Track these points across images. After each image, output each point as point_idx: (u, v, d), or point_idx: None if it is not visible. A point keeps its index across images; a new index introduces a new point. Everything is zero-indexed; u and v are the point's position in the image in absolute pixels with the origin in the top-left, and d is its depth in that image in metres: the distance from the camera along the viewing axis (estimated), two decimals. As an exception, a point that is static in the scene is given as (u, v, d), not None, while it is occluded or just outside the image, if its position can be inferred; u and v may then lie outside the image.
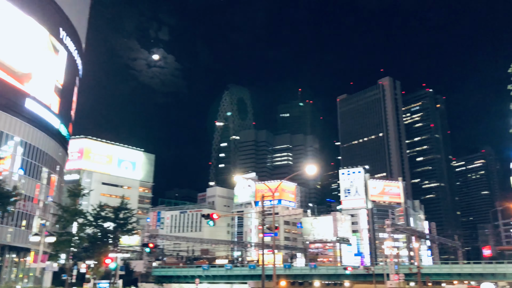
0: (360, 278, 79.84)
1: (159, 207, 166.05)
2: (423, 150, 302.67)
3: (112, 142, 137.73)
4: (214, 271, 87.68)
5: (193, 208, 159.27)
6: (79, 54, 70.76)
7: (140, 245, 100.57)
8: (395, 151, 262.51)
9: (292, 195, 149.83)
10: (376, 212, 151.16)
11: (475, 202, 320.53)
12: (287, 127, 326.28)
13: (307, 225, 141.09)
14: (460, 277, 73.78)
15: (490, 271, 70.24)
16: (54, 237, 42.86)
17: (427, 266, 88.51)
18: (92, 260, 52.76)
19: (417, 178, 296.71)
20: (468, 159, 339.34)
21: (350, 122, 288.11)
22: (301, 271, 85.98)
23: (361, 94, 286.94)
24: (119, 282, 53.14)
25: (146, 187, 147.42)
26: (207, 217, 28.75)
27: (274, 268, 31.42)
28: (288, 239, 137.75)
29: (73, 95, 71.45)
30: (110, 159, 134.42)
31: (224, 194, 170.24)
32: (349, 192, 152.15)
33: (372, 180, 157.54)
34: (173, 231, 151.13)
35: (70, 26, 65.90)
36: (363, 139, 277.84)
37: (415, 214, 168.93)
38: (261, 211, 30.49)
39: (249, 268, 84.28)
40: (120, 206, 56.43)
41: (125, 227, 56.28)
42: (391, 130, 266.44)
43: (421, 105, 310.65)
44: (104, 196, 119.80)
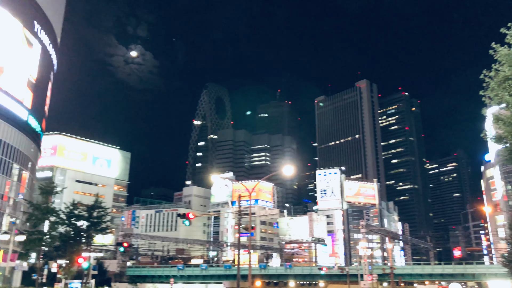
0: (334, 278, 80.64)
1: (134, 206, 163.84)
2: (398, 152, 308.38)
3: (87, 139, 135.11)
4: (189, 271, 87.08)
5: (169, 207, 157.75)
6: (54, 48, 69.11)
7: (114, 244, 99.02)
8: (371, 153, 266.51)
9: (269, 195, 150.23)
10: (351, 213, 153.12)
11: (447, 204, 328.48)
12: (265, 127, 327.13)
13: (283, 225, 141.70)
14: (431, 277, 75.40)
15: (459, 272, 72.07)
16: (24, 235, 41.80)
17: (400, 267, 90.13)
18: (64, 259, 51.64)
19: (392, 180, 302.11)
20: (441, 162, 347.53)
21: (327, 123, 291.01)
22: (276, 271, 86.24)
23: (339, 96, 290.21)
24: (91, 282, 52.20)
25: (121, 186, 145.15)
26: (183, 216, 28.45)
27: (250, 268, 31.38)
28: (264, 239, 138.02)
29: (47, 90, 69.75)
30: (84, 156, 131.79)
31: (200, 194, 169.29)
32: (325, 193, 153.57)
33: (348, 181, 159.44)
34: (148, 230, 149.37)
35: (45, 19, 64.31)
36: (340, 140, 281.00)
37: (389, 215, 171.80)
38: (238, 211, 30.39)
39: (225, 268, 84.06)
40: (94, 205, 55.42)
41: (99, 226, 55.29)
42: (367, 132, 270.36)
43: (396, 108, 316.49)
44: (78, 194, 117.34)
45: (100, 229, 55.89)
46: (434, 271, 75.08)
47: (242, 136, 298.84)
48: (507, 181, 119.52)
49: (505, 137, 16.35)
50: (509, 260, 54.50)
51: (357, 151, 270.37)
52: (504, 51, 15.53)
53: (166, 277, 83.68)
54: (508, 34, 15.54)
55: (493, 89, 16.34)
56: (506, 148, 17.32)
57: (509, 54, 15.22)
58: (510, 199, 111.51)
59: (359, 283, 65.44)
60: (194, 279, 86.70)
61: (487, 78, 16.61)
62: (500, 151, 21.02)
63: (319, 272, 79.82)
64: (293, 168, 29.79)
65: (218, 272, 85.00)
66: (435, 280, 76.29)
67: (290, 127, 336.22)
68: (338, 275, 77.96)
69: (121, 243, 56.98)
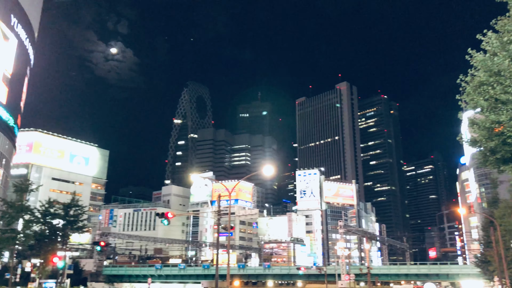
0: (312, 278, 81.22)
1: (112, 205, 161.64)
2: (376, 154, 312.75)
3: (64, 136, 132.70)
4: (167, 270, 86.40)
5: (148, 207, 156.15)
6: (31, 42, 67.60)
7: (91, 243, 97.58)
8: (350, 154, 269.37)
9: (249, 195, 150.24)
10: (329, 213, 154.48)
11: (423, 205, 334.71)
12: (246, 127, 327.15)
13: (263, 225, 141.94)
14: (407, 277, 76.70)
15: (434, 272, 73.54)
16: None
17: (376, 267, 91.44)
18: (38, 258, 50.66)
19: (370, 181, 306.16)
20: (418, 164, 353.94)
21: (307, 124, 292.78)
22: (255, 271, 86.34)
23: (319, 98, 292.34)
24: (66, 281, 51.31)
25: (99, 184, 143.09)
26: (162, 216, 28.25)
27: (228, 268, 31.36)
28: (244, 239, 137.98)
29: (23, 86, 68.19)
30: (62, 154, 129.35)
31: (180, 193, 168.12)
32: (305, 193, 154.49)
33: (327, 182, 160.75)
34: (126, 229, 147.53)
35: (22, 13, 62.84)
36: (320, 141, 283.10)
37: (366, 216, 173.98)
38: (218, 210, 30.34)
39: (203, 268, 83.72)
40: (70, 203, 54.54)
41: (75, 224, 54.45)
42: (347, 134, 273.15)
43: (375, 111, 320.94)
44: (54, 192, 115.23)
45: (77, 227, 55.06)
46: (409, 271, 76.38)
47: (222, 136, 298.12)
48: (481, 184, 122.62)
49: (480, 140, 16.74)
50: (482, 260, 55.97)
51: (337, 152, 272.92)
52: (479, 57, 15.91)
53: (144, 277, 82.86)
54: (484, 40, 15.91)
55: (468, 94, 16.71)
56: (480, 152, 17.74)
57: (485, 60, 15.59)
58: (484, 201, 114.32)
59: (336, 283, 66.16)
60: (172, 278, 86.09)
61: (463, 83, 16.99)
62: (475, 154, 21.53)
63: (297, 272, 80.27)
64: (273, 168, 29.91)
65: (197, 271, 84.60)
66: (411, 280, 77.63)
67: (271, 127, 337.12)
68: (316, 275, 78.58)
69: (98, 242, 56.22)
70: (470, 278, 68.01)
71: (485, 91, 15.55)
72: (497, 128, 15.71)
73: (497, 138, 15.79)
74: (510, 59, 14.55)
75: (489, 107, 15.67)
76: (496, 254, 44.11)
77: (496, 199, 55.03)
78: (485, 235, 55.05)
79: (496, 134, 15.85)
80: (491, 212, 52.77)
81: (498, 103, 15.24)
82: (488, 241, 51.77)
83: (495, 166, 17.30)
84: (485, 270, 54.29)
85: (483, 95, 15.80)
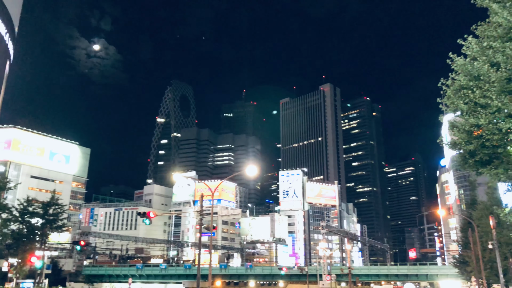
0: (294, 278, 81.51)
1: (93, 204, 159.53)
2: (358, 155, 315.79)
3: (44, 134, 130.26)
4: (148, 270, 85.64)
5: (129, 206, 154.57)
6: (11, 37, 66.20)
7: (71, 242, 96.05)
8: (333, 156, 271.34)
9: (232, 195, 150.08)
10: (312, 214, 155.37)
11: (404, 207, 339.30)
12: (230, 127, 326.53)
13: (245, 225, 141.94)
14: (387, 278, 77.60)
15: (414, 272, 74.62)
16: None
17: (357, 267, 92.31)
18: (16, 258, 49.59)
19: (352, 182, 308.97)
20: (399, 166, 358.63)
21: (291, 125, 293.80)
22: (237, 271, 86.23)
23: (303, 99, 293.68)
24: (44, 281, 50.43)
25: (79, 182, 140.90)
26: (144, 215, 27.98)
27: (210, 268, 31.22)
28: (226, 239, 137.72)
29: (2, 81, 66.74)
30: (41, 151, 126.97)
31: (162, 192, 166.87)
32: (288, 194, 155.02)
33: (310, 183, 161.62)
34: (107, 228, 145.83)
35: (2, 7, 61.50)
36: (303, 142, 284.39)
37: (348, 217, 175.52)
38: (200, 210, 30.19)
39: (185, 268, 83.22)
40: (50, 201, 53.60)
41: (54, 223, 53.53)
42: (330, 135, 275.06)
43: (358, 113, 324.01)
44: (33, 191, 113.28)
45: (56, 226, 54.16)
46: (390, 272, 77.31)
47: (206, 135, 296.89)
48: (460, 186, 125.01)
49: (459, 143, 17.01)
50: (460, 261, 57.00)
51: (320, 153, 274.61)
52: (460, 61, 16.19)
53: (125, 277, 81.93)
54: (464, 45, 16.20)
55: (449, 97, 16.99)
56: (460, 154, 18.02)
57: (465, 64, 15.87)
58: (462, 203, 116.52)
59: (318, 283, 66.57)
60: (153, 278, 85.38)
61: (444, 86, 17.26)
62: (454, 156, 21.92)
63: (279, 272, 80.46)
64: (257, 168, 29.90)
65: (178, 272, 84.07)
66: (391, 280, 78.59)
67: (255, 127, 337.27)
68: (298, 275, 78.88)
69: (78, 242, 55.39)
70: (449, 279, 69.21)
71: (465, 94, 15.83)
72: (476, 131, 16.01)
73: (476, 141, 16.09)
74: (489, 64, 14.85)
75: (468, 111, 15.95)
76: (474, 255, 44.97)
77: (474, 201, 56.00)
78: (463, 236, 56.05)
79: (475, 137, 16.15)
80: (469, 213, 53.72)
81: (477, 107, 15.53)
82: (466, 242, 52.70)
83: (474, 169, 17.61)
84: (463, 270, 55.27)
85: (463, 98, 16.07)
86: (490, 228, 36.33)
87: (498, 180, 17.61)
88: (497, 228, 40.11)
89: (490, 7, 15.37)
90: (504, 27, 14.68)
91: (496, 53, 14.62)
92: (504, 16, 14.34)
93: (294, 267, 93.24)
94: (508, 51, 14.01)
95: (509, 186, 16.42)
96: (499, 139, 15.27)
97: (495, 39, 15.07)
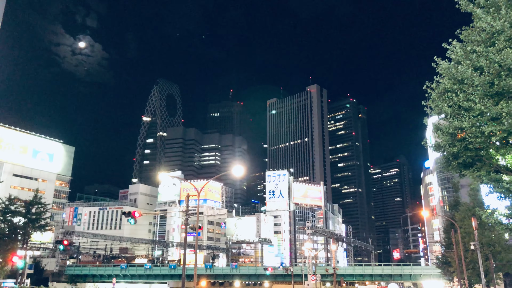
0: (279, 279, 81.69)
1: (76, 203, 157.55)
2: (344, 156, 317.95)
3: (28, 131, 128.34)
4: (132, 270, 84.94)
5: (114, 205, 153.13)
6: (-6, 33, 65.08)
7: (54, 242, 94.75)
8: (319, 156, 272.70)
9: (218, 195, 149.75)
10: (297, 214, 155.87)
11: (388, 208, 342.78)
12: (216, 126, 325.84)
13: (231, 225, 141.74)
14: (371, 278, 78.30)
15: (397, 273, 75.42)
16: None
17: (342, 268, 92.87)
18: (-3, 257, 48.76)
19: (337, 183, 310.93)
20: (384, 167, 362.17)
21: (278, 125, 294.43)
22: (222, 271, 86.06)
23: (290, 99, 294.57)
24: (26, 281, 49.67)
25: (63, 181, 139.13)
26: (128, 214, 27.72)
27: (195, 268, 31.11)
28: (211, 239, 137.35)
29: (-15, 78, 65.58)
30: (24, 149, 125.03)
31: (147, 192, 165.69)
32: (274, 194, 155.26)
33: (296, 183, 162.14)
34: (91, 228, 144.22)
35: (-15, 2, 60.42)
36: (290, 142, 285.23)
37: (333, 217, 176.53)
38: (186, 210, 30.06)
39: (170, 268, 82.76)
40: (33, 200, 52.83)
41: (37, 222, 52.80)
42: (316, 136, 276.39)
43: (344, 114, 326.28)
44: (16, 189, 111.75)
45: (39, 226, 53.44)
46: (374, 272, 77.99)
47: (192, 135, 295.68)
48: (443, 187, 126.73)
49: (443, 145, 17.26)
50: (442, 262, 57.81)
51: (306, 154, 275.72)
52: (445, 65, 16.44)
53: (109, 277, 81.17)
54: (449, 49, 16.46)
55: (434, 100, 17.23)
56: (443, 156, 18.27)
57: (450, 68, 16.12)
58: (446, 204, 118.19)
59: (303, 283, 66.82)
60: (138, 278, 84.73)
61: (429, 89, 17.51)
62: (438, 158, 22.19)
63: (264, 273, 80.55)
64: (243, 168, 29.88)
65: (163, 272, 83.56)
66: (375, 280, 79.34)
67: (242, 127, 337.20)
68: (283, 275, 79.08)
69: (61, 241, 54.64)
70: (432, 279, 70.12)
71: (449, 98, 16.08)
72: (459, 134, 16.25)
73: (459, 144, 16.34)
74: (473, 68, 15.11)
75: (452, 114, 16.19)
76: (456, 256, 45.66)
77: (457, 202, 56.77)
78: (446, 237, 56.82)
79: (458, 140, 16.40)
80: (452, 215, 54.48)
81: (461, 110, 15.78)
82: (449, 243, 53.43)
83: (457, 171, 17.88)
84: (446, 271, 56.07)
85: (447, 101, 16.32)
86: (472, 229, 36.95)
87: (481, 182, 17.91)
88: (479, 229, 40.85)
89: (474, 12, 15.64)
90: (488, 32, 14.96)
91: (479, 58, 14.88)
92: (488, 21, 14.61)
93: (279, 267, 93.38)
94: (491, 55, 14.27)
95: (491, 188, 16.71)
96: (481, 141, 15.53)
97: (479, 44, 15.35)
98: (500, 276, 49.52)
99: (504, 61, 13.73)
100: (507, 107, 13.77)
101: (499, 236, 45.98)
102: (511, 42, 14.19)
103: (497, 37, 14.60)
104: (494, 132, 14.54)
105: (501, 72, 14.08)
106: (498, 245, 45.40)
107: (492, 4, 15.30)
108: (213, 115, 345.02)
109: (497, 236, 45.84)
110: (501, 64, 13.94)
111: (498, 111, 14.09)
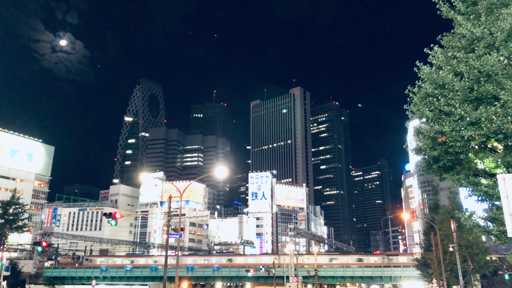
0: (261, 280, 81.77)
1: (56, 203, 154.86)
2: (326, 159, 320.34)
3: (5, 130, 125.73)
4: (113, 272, 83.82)
5: (94, 206, 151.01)
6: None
7: (31, 243, 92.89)
8: (301, 158, 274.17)
9: (200, 196, 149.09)
10: (280, 216, 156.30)
11: (369, 210, 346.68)
12: (200, 127, 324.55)
13: (213, 227, 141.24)
14: (353, 280, 78.98)
15: (378, 275, 76.25)
16: None
17: (323, 269, 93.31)
18: (-28, 259, 47.55)
19: (320, 185, 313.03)
20: (365, 170, 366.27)
21: (261, 127, 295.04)
22: (204, 273, 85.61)
23: (274, 101, 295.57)
24: (3, 283, 48.55)
25: (42, 181, 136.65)
26: (109, 215, 27.37)
27: (177, 270, 30.89)
28: (193, 240, 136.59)
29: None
30: (2, 149, 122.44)
31: (128, 193, 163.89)
32: (257, 196, 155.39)
33: (279, 185, 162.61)
34: (71, 229, 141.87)
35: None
36: (273, 144, 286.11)
37: (315, 219, 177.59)
38: (168, 211, 29.84)
39: (151, 270, 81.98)
40: (10, 201, 51.75)
41: (14, 223, 51.79)
42: (299, 138, 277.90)
43: (327, 117, 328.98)
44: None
45: (16, 227, 52.44)
46: (355, 274, 78.65)
47: (175, 136, 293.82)
48: (423, 190, 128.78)
49: (424, 149, 17.53)
50: (422, 263, 58.66)
51: (289, 156, 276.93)
52: (426, 70, 16.72)
53: (88, 279, 79.97)
54: (430, 54, 16.75)
55: (415, 104, 17.50)
56: (424, 160, 18.56)
57: (431, 73, 16.39)
58: (426, 207, 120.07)
59: (285, 285, 66.99)
60: (118, 280, 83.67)
61: (411, 93, 17.78)
62: (419, 162, 22.54)
63: (246, 274, 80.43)
64: (226, 170, 29.83)
65: (144, 273, 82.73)
66: (356, 282, 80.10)
67: (225, 129, 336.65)
68: (265, 277, 79.11)
69: (40, 242, 53.60)
70: (411, 280, 71.21)
71: (431, 102, 16.34)
72: (440, 138, 16.52)
73: (440, 148, 16.61)
74: (453, 73, 15.40)
75: (433, 118, 16.45)
76: (435, 257, 46.40)
77: (437, 205, 57.74)
78: (426, 239, 57.72)
79: (439, 144, 16.67)
80: (432, 217, 55.37)
81: (442, 114, 16.04)
82: (428, 245, 54.26)
83: (437, 174, 18.16)
84: (425, 272, 56.90)
85: (428, 106, 16.58)
86: (451, 232, 37.60)
87: (460, 185, 18.24)
88: (458, 231, 41.64)
89: (455, 18, 15.96)
90: (468, 38, 15.27)
91: (460, 63, 15.17)
92: (468, 28, 14.91)
93: (261, 269, 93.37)
94: (471, 61, 14.57)
95: (470, 191, 17.03)
96: (461, 146, 15.83)
97: (459, 50, 15.66)
98: (478, 277, 50.54)
99: (483, 67, 14.02)
100: (486, 112, 14.06)
101: (476, 238, 46.96)
102: (490, 48, 14.51)
103: (477, 44, 14.92)
104: (473, 136, 14.82)
105: (481, 78, 14.38)
106: (475, 247, 46.36)
107: (472, 11, 15.64)
108: (196, 116, 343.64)
109: (475, 238, 46.83)
110: (481, 70, 14.23)
111: (477, 116, 14.38)
